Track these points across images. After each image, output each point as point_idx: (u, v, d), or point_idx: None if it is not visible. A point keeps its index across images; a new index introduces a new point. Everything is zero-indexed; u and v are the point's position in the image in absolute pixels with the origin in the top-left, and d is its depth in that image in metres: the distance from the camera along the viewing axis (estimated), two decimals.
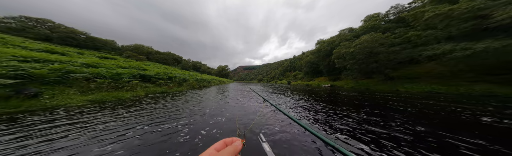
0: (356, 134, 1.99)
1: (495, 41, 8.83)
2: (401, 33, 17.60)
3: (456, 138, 1.93)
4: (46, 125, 2.01)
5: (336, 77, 26.35)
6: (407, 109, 3.77)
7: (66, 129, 1.92)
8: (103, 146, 1.51)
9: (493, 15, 8.97)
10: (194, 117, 2.67)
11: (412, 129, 2.24)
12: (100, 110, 2.88)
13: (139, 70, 7.64)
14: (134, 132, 1.89)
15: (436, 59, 12.41)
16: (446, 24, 11.35)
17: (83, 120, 2.29)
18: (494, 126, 2.48)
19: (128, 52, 31.07)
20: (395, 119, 2.80)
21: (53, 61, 5.15)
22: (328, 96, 6.61)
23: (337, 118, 2.79)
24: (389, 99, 5.80)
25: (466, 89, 9.16)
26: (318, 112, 3.33)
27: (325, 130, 2.16)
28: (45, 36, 25.99)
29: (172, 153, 1.42)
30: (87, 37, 30.80)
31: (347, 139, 1.84)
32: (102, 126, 2.07)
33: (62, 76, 4.16)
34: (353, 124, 2.44)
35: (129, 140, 1.66)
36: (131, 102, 3.80)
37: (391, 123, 2.53)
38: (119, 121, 2.30)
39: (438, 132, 2.12)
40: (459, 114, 3.26)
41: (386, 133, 2.05)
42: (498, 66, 8.89)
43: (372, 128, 2.25)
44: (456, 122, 2.68)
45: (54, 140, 1.60)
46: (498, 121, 2.76)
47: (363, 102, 4.95)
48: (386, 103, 4.69)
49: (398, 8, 22.12)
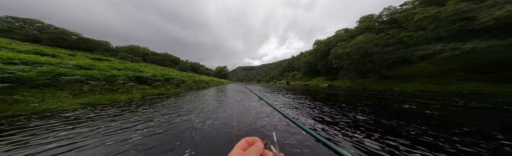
0: (328, 119, 2.44)
1: (481, 41, 9.32)
2: (394, 34, 18.24)
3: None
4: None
5: (334, 77, 26.80)
6: (381, 103, 4.36)
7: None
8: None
9: (477, 17, 9.49)
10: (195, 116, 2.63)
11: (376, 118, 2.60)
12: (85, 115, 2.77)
13: (134, 71, 7.45)
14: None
15: (427, 59, 12.90)
16: (435, 26, 11.89)
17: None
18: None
19: (123, 53, 30.34)
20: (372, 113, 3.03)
21: (43, 63, 4.94)
22: (320, 95, 6.72)
23: (318, 111, 2.89)
24: (380, 97, 5.98)
25: (456, 87, 9.55)
26: (309, 108, 3.40)
27: (314, 123, 2.37)
28: (34, 37, 24.95)
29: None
30: (79, 38, 29.82)
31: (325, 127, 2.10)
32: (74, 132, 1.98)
33: (52, 79, 3.98)
34: (330, 113, 2.86)
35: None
36: (125, 104, 3.68)
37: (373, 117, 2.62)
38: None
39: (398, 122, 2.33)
40: (412, 108, 3.90)
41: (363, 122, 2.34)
42: (485, 65, 9.35)
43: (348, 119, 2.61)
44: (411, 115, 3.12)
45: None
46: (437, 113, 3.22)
47: (356, 100, 5.09)
48: (376, 102, 4.84)
49: (390, 10, 22.96)
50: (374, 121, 2.64)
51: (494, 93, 7.88)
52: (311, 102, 4.87)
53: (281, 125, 2.31)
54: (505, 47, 8.55)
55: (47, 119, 2.40)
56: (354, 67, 17.66)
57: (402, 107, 4.00)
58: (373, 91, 9.85)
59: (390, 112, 3.31)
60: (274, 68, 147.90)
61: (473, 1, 10.39)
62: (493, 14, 8.67)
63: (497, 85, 8.45)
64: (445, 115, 3.09)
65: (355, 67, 17.55)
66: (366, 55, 16.40)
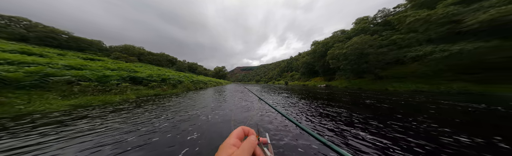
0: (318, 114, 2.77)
1: (468, 43, 9.79)
2: (388, 36, 18.83)
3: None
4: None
5: (331, 77, 27.25)
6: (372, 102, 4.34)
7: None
8: None
9: (464, 20, 9.98)
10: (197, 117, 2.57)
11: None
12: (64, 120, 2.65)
13: (129, 72, 7.24)
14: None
15: (419, 60, 13.41)
16: (425, 28, 12.39)
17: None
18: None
19: (117, 53, 29.47)
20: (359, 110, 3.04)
21: (30, 63, 4.70)
22: (317, 95, 6.82)
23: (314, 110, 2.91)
24: (372, 97, 6.13)
25: (446, 87, 9.96)
26: (304, 107, 3.42)
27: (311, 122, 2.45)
28: (21, 35, 23.79)
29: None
30: (70, 37, 28.71)
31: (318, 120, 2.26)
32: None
33: (40, 80, 3.79)
34: (329, 113, 2.67)
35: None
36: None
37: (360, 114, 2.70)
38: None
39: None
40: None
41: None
42: (472, 66, 9.83)
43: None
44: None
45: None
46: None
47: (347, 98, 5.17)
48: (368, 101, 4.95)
49: (384, 12, 23.70)
50: (368, 120, 2.70)
51: (480, 92, 8.29)
52: (311, 103, 4.88)
53: (281, 125, 2.32)
54: (489, 49, 9.03)
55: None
56: (351, 68, 18.06)
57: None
58: (369, 91, 10.11)
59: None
60: (273, 68, 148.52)
61: (461, 4, 10.94)
62: (478, 17, 9.16)
63: (483, 85, 8.90)
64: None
65: (351, 67, 17.94)
66: (361, 56, 16.82)
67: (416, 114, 3.21)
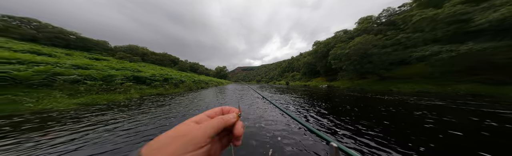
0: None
1: (477, 43, 9.46)
2: (392, 35, 18.44)
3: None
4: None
5: (333, 77, 26.91)
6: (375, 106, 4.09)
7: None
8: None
9: (473, 19, 9.65)
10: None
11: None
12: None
13: (133, 71, 7.39)
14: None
15: (424, 60, 13.05)
16: (432, 27, 12.05)
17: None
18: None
19: (122, 53, 30.15)
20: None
21: (39, 62, 4.87)
22: (319, 95, 6.73)
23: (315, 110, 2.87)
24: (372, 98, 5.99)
25: (453, 88, 9.65)
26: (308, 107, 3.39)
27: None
28: (31, 36, 24.67)
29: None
30: (77, 37, 29.56)
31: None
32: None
33: (48, 79, 3.93)
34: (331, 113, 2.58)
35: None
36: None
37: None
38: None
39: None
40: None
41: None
42: (480, 67, 9.48)
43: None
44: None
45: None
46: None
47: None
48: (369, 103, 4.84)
49: (389, 11, 23.22)
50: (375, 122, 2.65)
51: (489, 93, 7.99)
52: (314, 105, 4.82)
53: (286, 125, 2.32)
54: (500, 49, 8.69)
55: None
56: (353, 68, 17.77)
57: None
58: (373, 93, 9.90)
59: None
60: (274, 68, 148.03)
61: (469, 3, 10.58)
62: (489, 16, 8.83)
63: (491, 87, 8.57)
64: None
65: (354, 67, 17.66)
66: (365, 56, 16.53)
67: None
